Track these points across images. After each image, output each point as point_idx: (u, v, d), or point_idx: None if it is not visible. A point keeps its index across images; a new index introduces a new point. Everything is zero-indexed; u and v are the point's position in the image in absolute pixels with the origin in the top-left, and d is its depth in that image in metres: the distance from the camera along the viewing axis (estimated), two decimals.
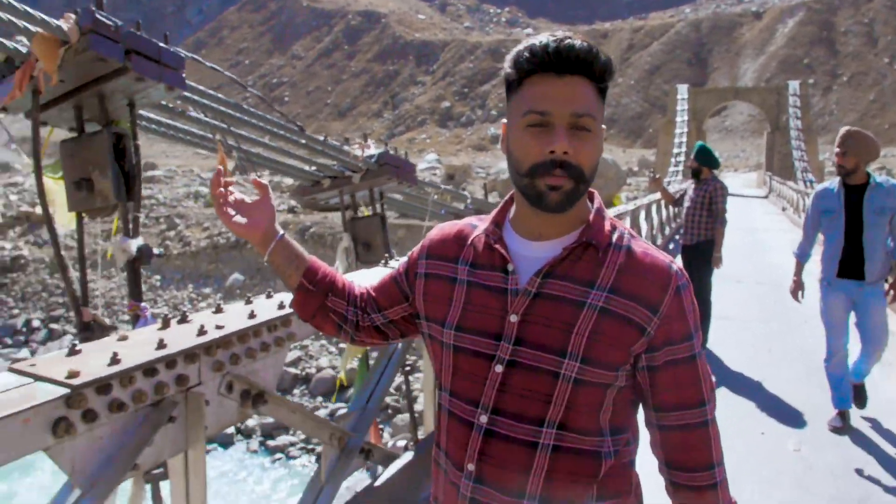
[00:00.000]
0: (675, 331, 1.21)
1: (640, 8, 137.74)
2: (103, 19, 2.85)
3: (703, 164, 6.14)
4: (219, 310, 2.01)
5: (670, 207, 15.42)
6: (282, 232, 1.43)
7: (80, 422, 1.43)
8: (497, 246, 1.26)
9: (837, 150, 4.19)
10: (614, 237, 1.24)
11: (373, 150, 5.75)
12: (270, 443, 12.75)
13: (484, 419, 1.22)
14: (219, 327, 1.86)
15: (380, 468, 2.89)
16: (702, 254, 6.11)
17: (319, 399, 14.45)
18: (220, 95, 4.21)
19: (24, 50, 2.99)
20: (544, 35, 1.17)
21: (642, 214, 12.52)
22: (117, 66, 2.98)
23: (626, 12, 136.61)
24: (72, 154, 3.36)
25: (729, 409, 4.79)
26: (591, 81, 1.17)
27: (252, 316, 2.00)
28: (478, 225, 1.36)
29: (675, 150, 41.69)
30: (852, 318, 4.38)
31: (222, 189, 1.38)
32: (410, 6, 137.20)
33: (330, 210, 6.90)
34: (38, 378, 1.46)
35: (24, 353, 18.78)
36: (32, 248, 24.54)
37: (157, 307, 20.61)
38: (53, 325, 20.30)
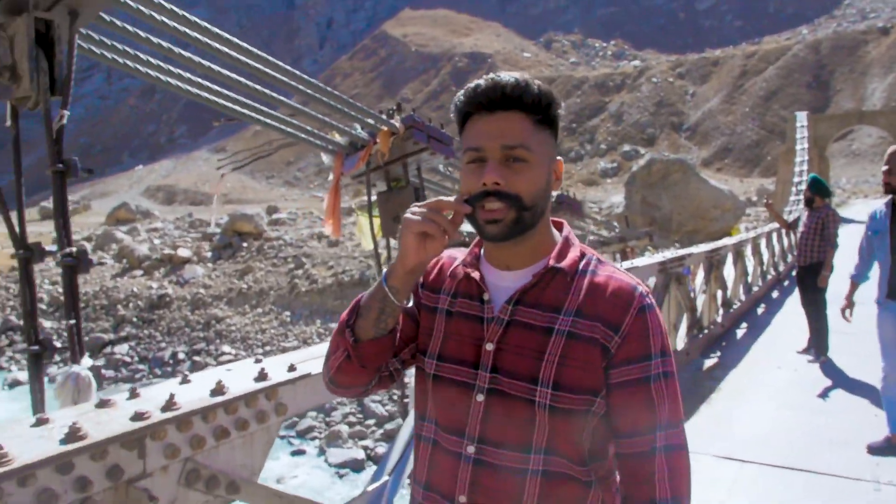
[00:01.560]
0: (634, 350, 1.21)
1: (752, 32, 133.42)
2: (417, 120, 4.61)
3: (816, 193, 6.77)
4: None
5: (791, 236, 15.26)
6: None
7: None
8: (474, 275, 1.29)
9: (884, 167, 4.23)
10: (581, 263, 1.27)
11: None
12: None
13: (471, 449, 1.22)
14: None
15: None
16: (815, 273, 6.63)
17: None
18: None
19: (363, 135, 4.77)
20: (480, 78, 1.22)
21: (763, 242, 12.43)
22: (423, 147, 4.64)
23: (737, 38, 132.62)
24: (386, 201, 5.26)
25: (849, 403, 5.58)
26: (526, 114, 1.20)
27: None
28: (458, 257, 1.39)
29: (796, 179, 39.94)
30: None
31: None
32: (515, 45, 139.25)
33: None
34: None
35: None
36: (175, 287, 26.74)
37: (287, 341, 21.97)
38: (196, 358, 22.04)
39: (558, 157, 1.28)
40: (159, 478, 1.55)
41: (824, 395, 5.74)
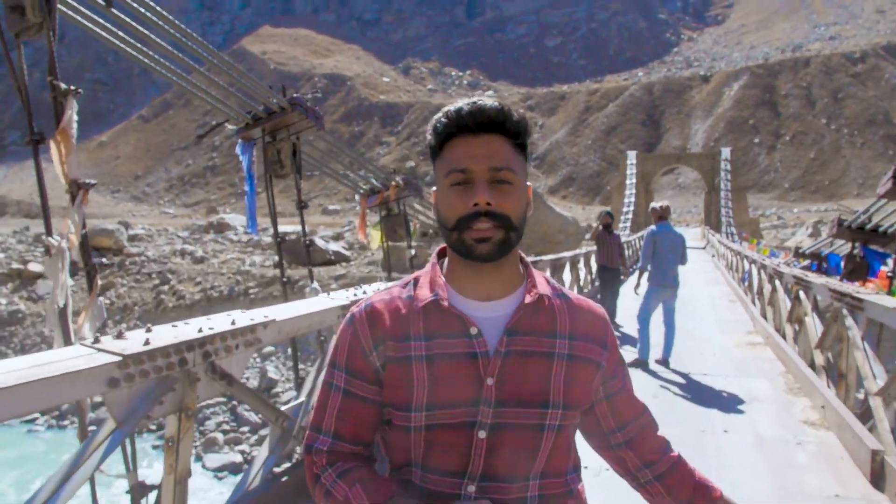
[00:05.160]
0: (616, 357, 1.34)
1: (595, 71, 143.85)
2: (411, 179, 9.50)
3: (613, 221, 10.75)
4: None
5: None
6: None
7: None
8: (455, 311, 1.22)
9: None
10: (549, 288, 1.29)
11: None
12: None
13: (472, 489, 1.20)
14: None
15: None
16: (616, 273, 10.72)
17: None
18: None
19: (377, 184, 9.47)
20: (457, 101, 1.23)
21: (593, 257, 14.73)
22: (409, 193, 9.55)
23: (582, 75, 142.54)
24: (387, 223, 10.00)
25: (629, 345, 8.86)
26: (507, 138, 1.21)
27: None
28: (411, 293, 1.29)
29: (625, 209, 45.60)
30: None
31: None
32: (375, 69, 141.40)
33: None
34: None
35: None
36: (28, 302, 25.72)
37: None
38: None
39: (528, 183, 1.28)
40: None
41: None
